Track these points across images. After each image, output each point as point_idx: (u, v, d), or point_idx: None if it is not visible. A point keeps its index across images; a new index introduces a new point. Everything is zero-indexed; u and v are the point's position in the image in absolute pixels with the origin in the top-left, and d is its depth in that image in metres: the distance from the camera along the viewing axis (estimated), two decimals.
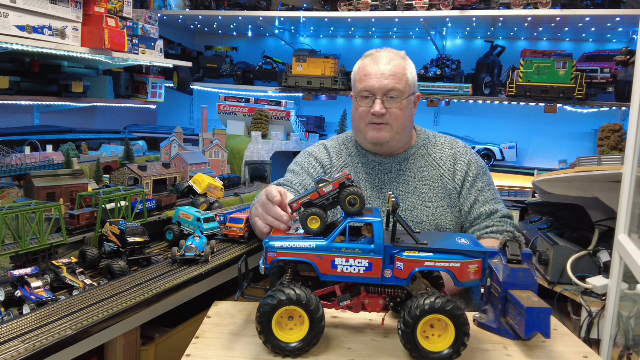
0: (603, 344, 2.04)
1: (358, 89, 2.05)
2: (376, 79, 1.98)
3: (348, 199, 1.30)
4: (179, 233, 2.30)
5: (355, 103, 2.09)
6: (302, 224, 1.34)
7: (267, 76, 4.41)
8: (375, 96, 1.99)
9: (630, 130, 1.93)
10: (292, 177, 2.17)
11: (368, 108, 2.01)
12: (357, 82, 2.07)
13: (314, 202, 1.33)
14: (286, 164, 3.44)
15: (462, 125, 4.23)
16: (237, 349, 1.31)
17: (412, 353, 1.25)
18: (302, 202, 1.34)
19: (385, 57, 2.03)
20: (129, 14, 3.08)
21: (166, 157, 3.23)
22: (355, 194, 1.30)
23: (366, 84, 2.00)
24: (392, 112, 1.99)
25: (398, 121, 2.01)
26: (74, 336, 1.43)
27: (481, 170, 2.13)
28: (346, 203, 1.30)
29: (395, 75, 1.99)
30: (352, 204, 1.30)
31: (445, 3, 3.48)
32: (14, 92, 3.10)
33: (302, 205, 1.34)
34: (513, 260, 1.42)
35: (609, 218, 2.46)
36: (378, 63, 2.01)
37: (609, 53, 3.45)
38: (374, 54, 2.07)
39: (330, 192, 1.33)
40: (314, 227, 1.32)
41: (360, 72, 2.06)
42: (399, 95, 1.99)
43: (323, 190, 1.32)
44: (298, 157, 2.28)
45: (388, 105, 1.99)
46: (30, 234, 1.78)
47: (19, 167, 2.53)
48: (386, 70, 1.98)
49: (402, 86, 1.99)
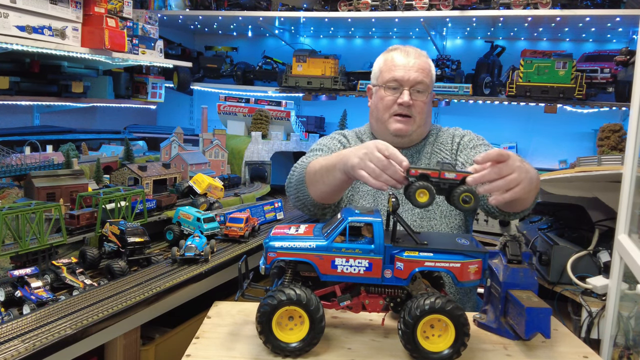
0: (603, 344, 2.04)
1: (385, 78, 2.03)
2: (405, 70, 2.00)
3: (462, 195, 1.29)
4: (178, 233, 2.30)
5: (379, 93, 2.06)
6: (408, 193, 1.31)
7: (267, 76, 4.41)
8: (402, 87, 2.00)
9: (630, 130, 1.93)
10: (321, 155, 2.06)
11: (394, 98, 2.01)
12: (384, 72, 2.05)
13: (430, 178, 1.31)
14: (286, 164, 3.43)
15: (462, 125, 4.16)
16: (237, 349, 1.31)
17: (412, 353, 1.25)
18: (421, 172, 1.32)
19: (413, 52, 2.06)
20: (128, 14, 3.08)
21: (166, 157, 3.23)
22: (471, 192, 1.28)
23: (395, 73, 2.01)
24: (417, 105, 2.01)
25: (421, 114, 2.03)
26: (74, 336, 1.43)
27: (477, 138, 2.12)
28: (459, 199, 1.29)
29: (424, 69, 2.02)
30: (466, 201, 1.29)
31: (445, 3, 3.48)
32: (14, 92, 3.10)
33: (419, 174, 1.32)
34: (513, 260, 1.42)
35: (609, 218, 2.46)
36: (407, 56, 2.04)
37: (609, 53, 3.44)
38: (401, 48, 2.09)
39: (450, 180, 1.31)
40: (421, 200, 1.29)
41: (389, 63, 2.05)
42: (425, 89, 2.01)
43: (445, 174, 1.30)
44: (319, 140, 2.21)
45: (414, 97, 2.00)
46: (30, 234, 1.78)
47: (18, 167, 2.53)
48: (415, 64, 2.01)
49: (429, 81, 2.03)
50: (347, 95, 3.99)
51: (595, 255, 2.38)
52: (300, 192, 1.89)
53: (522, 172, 1.38)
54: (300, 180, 1.90)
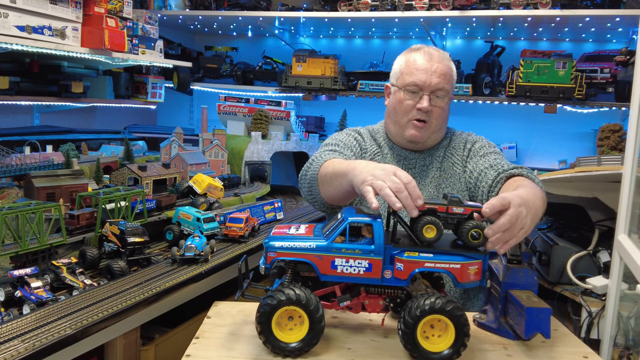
0: (603, 344, 2.04)
1: (406, 81, 1.97)
2: (427, 75, 1.94)
3: (471, 231, 1.27)
4: (178, 233, 2.30)
5: (398, 95, 2.00)
6: (415, 228, 1.29)
7: (266, 76, 4.41)
8: (422, 91, 1.94)
9: (630, 130, 1.93)
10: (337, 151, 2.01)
11: (414, 102, 1.95)
12: (405, 74, 1.99)
13: (437, 213, 1.30)
14: (286, 164, 3.43)
15: (462, 126, 4.17)
16: (237, 349, 1.31)
17: (412, 353, 1.25)
18: (428, 206, 1.30)
19: (436, 55, 1.99)
20: (128, 14, 3.08)
21: (166, 157, 3.23)
22: (480, 228, 1.27)
23: (417, 77, 1.94)
24: (435, 111, 1.96)
25: (438, 120, 1.99)
26: (74, 336, 1.43)
27: (488, 145, 2.09)
28: (468, 235, 1.27)
29: (445, 75, 1.96)
30: (475, 237, 1.27)
31: (445, 3, 3.48)
32: (14, 92, 3.10)
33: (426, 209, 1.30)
34: (513, 260, 1.42)
35: (609, 218, 2.46)
36: (431, 60, 1.96)
37: (609, 53, 3.45)
38: (424, 49, 2.02)
39: (458, 215, 1.29)
40: (428, 235, 1.27)
41: (411, 65, 1.98)
42: (444, 95, 1.96)
43: (453, 209, 1.29)
44: (333, 137, 2.14)
45: (433, 103, 1.95)
46: (30, 234, 1.78)
47: (18, 167, 2.53)
48: (437, 69, 1.95)
49: (449, 87, 1.98)
50: (347, 95, 3.99)
51: (595, 256, 2.38)
52: (313, 189, 1.87)
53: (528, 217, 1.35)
54: (313, 177, 1.86)
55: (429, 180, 2.04)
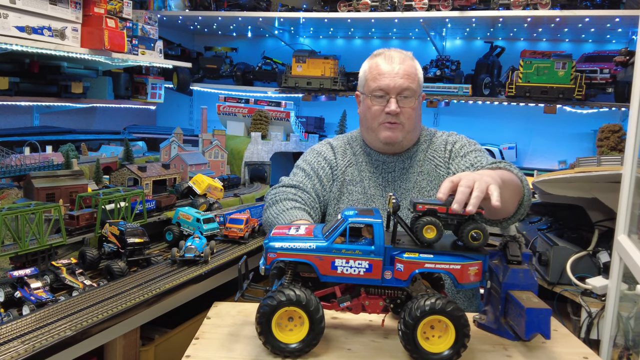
0: (603, 345, 2.04)
1: (371, 87, 2.00)
2: (390, 78, 1.96)
3: (471, 232, 1.27)
4: (178, 234, 2.30)
5: (366, 102, 2.04)
6: (415, 228, 1.29)
7: (266, 77, 4.41)
8: (389, 95, 1.97)
9: (630, 130, 1.93)
10: (305, 180, 2.10)
11: (382, 107, 1.98)
12: (369, 80, 2.03)
13: (437, 214, 1.29)
14: (286, 165, 3.43)
15: (462, 126, 4.23)
16: (237, 350, 1.31)
17: (412, 354, 1.25)
18: (428, 207, 1.30)
19: (397, 57, 2.01)
20: (128, 14, 3.08)
21: (166, 157, 3.23)
22: (480, 229, 1.26)
23: (380, 82, 1.97)
24: (405, 112, 1.98)
25: (410, 120, 2.00)
26: (74, 337, 1.43)
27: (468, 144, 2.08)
28: (468, 236, 1.27)
29: (409, 74, 1.98)
30: (475, 238, 1.26)
31: (444, 3, 3.48)
32: (14, 93, 3.10)
33: (426, 210, 1.29)
34: (513, 261, 1.42)
35: (609, 218, 2.46)
36: (392, 62, 1.99)
37: (608, 53, 3.45)
38: (385, 53, 2.04)
39: (458, 216, 1.29)
40: (428, 236, 1.27)
41: (373, 71, 2.02)
42: (412, 95, 1.98)
43: (453, 209, 1.28)
44: (307, 155, 2.21)
45: (402, 104, 1.97)
46: (30, 234, 1.78)
47: (18, 168, 2.53)
48: (400, 70, 1.97)
49: (415, 85, 1.99)
50: (347, 95, 3.99)
51: (594, 256, 2.38)
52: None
53: (483, 177, 1.36)
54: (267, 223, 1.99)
55: (411, 185, 2.05)
